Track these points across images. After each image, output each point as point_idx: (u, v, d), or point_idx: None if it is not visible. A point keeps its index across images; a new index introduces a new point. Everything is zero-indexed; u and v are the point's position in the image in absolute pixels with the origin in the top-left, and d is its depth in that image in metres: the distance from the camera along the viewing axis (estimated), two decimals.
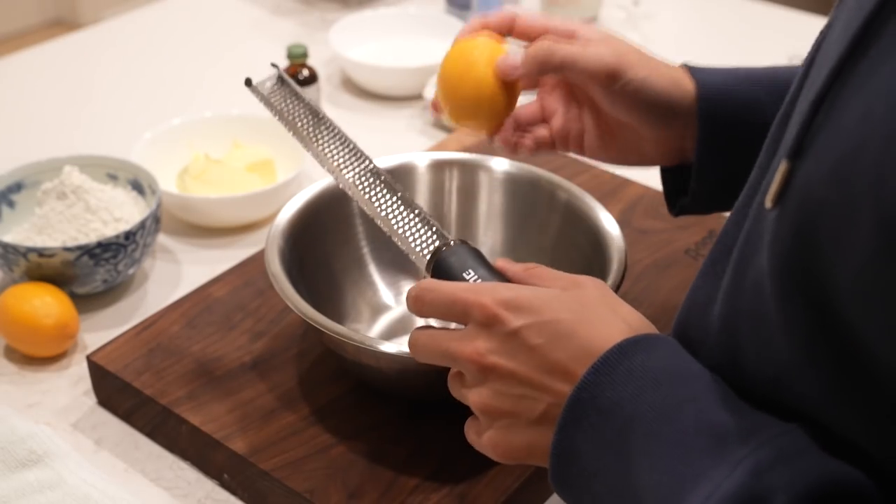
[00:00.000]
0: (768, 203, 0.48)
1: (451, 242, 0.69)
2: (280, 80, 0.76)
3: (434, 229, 0.72)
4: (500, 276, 0.65)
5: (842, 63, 0.45)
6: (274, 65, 0.77)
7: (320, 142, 0.75)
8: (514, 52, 0.74)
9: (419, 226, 0.72)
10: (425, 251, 0.70)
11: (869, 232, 0.42)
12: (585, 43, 0.73)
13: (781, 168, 0.47)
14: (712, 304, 0.56)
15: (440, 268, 0.67)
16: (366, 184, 0.74)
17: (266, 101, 0.76)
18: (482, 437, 0.59)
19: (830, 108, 0.46)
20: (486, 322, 0.57)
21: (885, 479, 0.47)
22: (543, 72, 0.73)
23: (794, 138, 0.47)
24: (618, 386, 0.53)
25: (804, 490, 0.46)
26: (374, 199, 0.73)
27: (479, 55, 0.74)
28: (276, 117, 0.75)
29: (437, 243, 0.70)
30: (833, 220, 0.44)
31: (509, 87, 0.75)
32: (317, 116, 0.76)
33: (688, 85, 0.75)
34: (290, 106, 0.76)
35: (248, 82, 0.76)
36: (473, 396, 0.59)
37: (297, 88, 0.76)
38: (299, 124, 0.75)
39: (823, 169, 0.45)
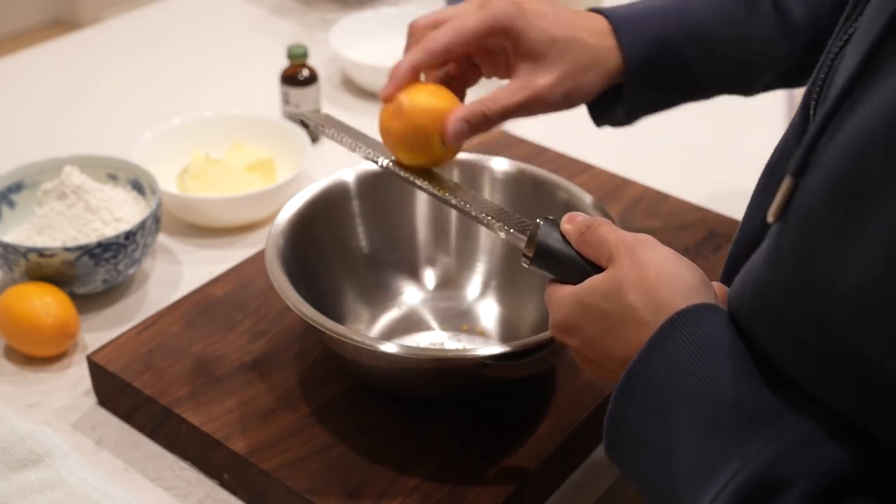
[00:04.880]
0: (770, 217, 0.50)
1: (539, 223, 0.67)
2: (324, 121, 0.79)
3: (508, 213, 0.72)
4: (570, 247, 0.66)
5: (849, 85, 0.47)
6: (302, 122, 0.79)
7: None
8: (454, 122, 0.73)
9: (495, 213, 0.72)
10: (518, 235, 0.69)
11: (875, 246, 0.43)
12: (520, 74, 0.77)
13: (785, 184, 0.49)
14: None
15: (544, 251, 0.66)
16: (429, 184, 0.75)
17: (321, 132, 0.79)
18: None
19: (836, 128, 0.47)
20: (560, 342, 0.65)
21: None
22: (486, 127, 0.76)
23: (800, 156, 0.48)
24: (668, 359, 0.55)
25: (825, 476, 0.48)
26: (453, 198, 0.73)
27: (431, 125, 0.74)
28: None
29: (523, 228, 0.70)
30: (833, 235, 0.45)
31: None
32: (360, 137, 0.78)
33: (608, 45, 0.78)
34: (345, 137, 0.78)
35: (304, 123, 0.79)
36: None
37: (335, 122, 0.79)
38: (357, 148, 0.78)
39: (825, 185, 0.46)
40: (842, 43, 0.55)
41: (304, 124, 0.78)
